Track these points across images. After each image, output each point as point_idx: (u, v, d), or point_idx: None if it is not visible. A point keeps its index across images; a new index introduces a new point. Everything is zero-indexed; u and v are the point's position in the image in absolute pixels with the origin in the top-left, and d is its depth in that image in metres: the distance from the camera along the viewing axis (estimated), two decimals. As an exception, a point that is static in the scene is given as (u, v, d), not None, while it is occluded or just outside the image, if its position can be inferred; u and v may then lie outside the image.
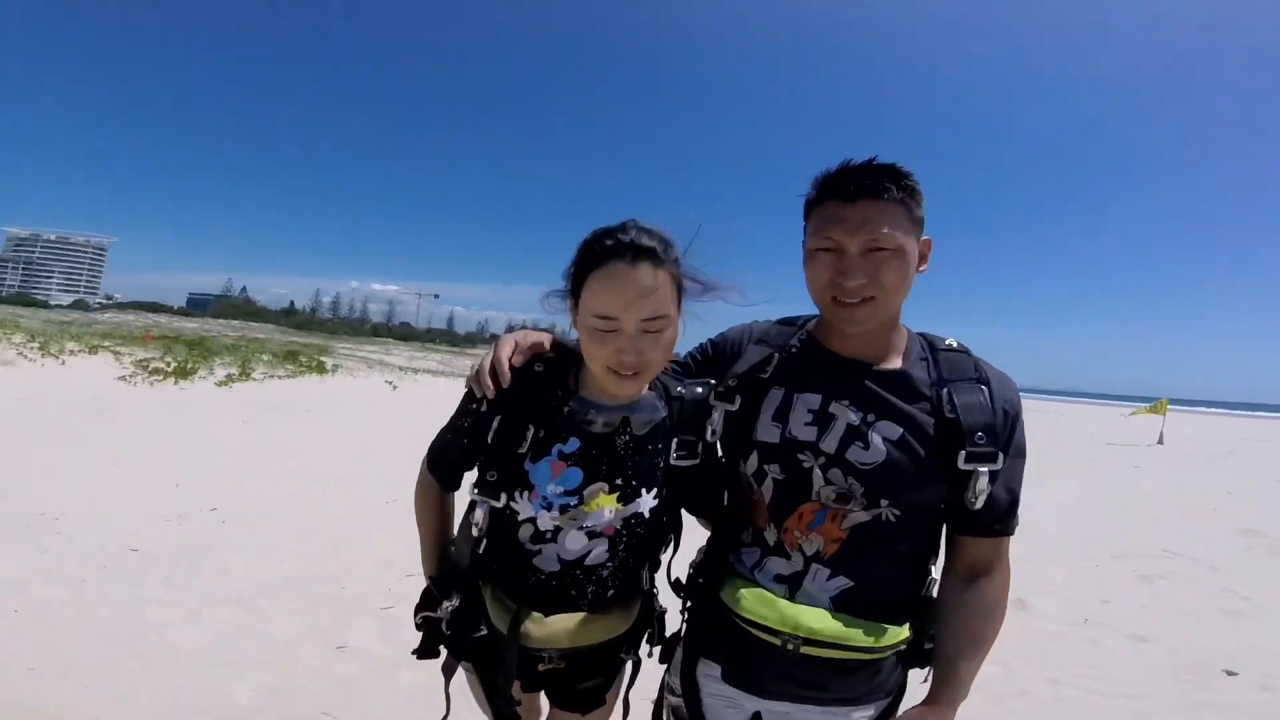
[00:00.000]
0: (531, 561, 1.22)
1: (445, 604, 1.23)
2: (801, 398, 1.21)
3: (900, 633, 1.15)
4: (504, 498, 1.18)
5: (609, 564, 1.24)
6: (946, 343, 1.25)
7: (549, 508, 1.19)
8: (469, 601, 1.23)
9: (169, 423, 10.41)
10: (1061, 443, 16.85)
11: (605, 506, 1.21)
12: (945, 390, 1.16)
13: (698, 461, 1.28)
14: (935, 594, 1.25)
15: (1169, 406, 19.57)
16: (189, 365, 16.35)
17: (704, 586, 1.28)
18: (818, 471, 1.17)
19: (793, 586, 1.17)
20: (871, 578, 1.16)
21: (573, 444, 1.22)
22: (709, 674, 1.25)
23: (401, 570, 4.10)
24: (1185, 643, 3.85)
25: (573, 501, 1.19)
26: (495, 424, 1.21)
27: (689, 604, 1.33)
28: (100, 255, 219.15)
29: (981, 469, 1.12)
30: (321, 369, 19.76)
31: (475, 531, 1.22)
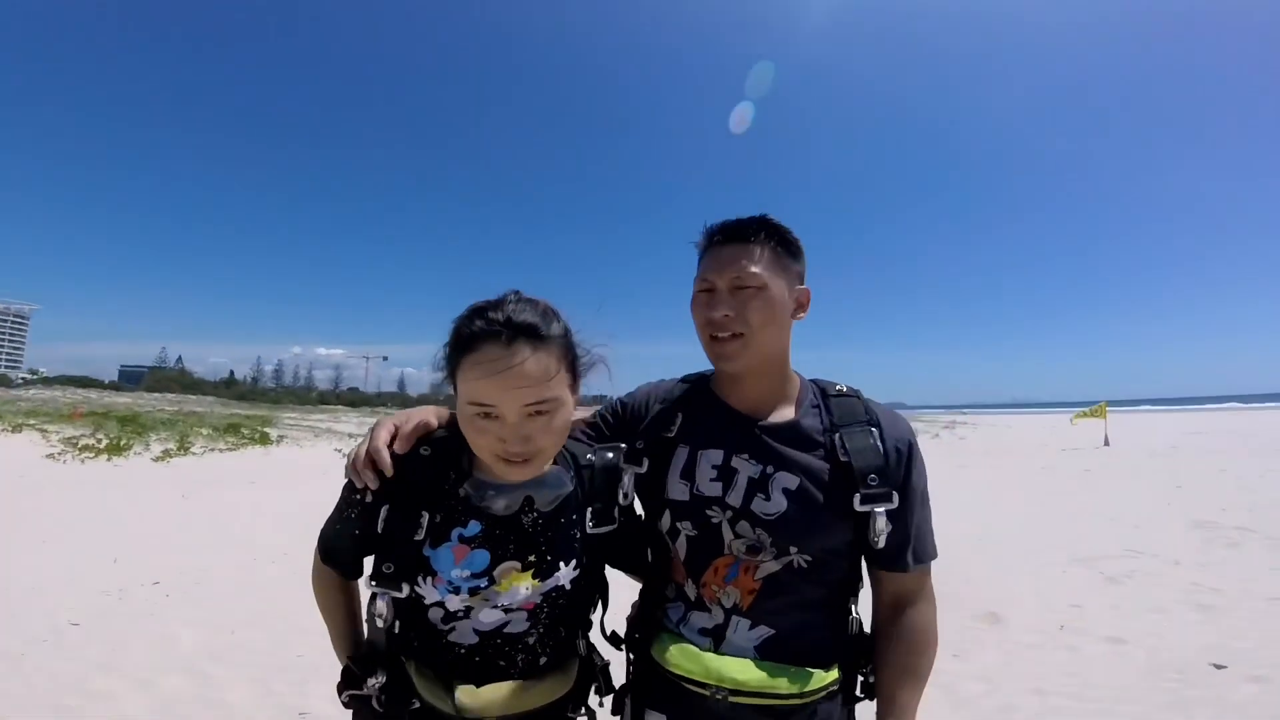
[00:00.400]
0: (447, 639, 1.16)
1: (370, 681, 1.15)
2: (705, 454, 1.26)
3: (826, 676, 1.16)
4: (405, 588, 1.12)
5: (532, 632, 1.19)
6: (837, 388, 1.31)
7: (456, 591, 1.13)
8: (395, 677, 1.15)
9: (104, 498, 9.80)
10: (1014, 453, 17.45)
11: (519, 584, 1.16)
12: (837, 435, 1.22)
13: (614, 526, 1.26)
14: (865, 629, 1.28)
15: (1108, 409, 20.53)
16: (122, 442, 15.55)
17: (639, 640, 1.31)
18: (726, 525, 1.21)
19: (717, 639, 1.20)
20: (790, 624, 1.19)
21: (474, 527, 1.16)
22: None
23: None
24: (1164, 641, 3.89)
25: (482, 584, 1.14)
26: (384, 513, 1.13)
27: (630, 656, 1.34)
28: (21, 324, 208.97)
29: (878, 509, 1.16)
30: (265, 440, 19.01)
31: (380, 622, 1.15)
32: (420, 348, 1.26)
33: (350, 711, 1.22)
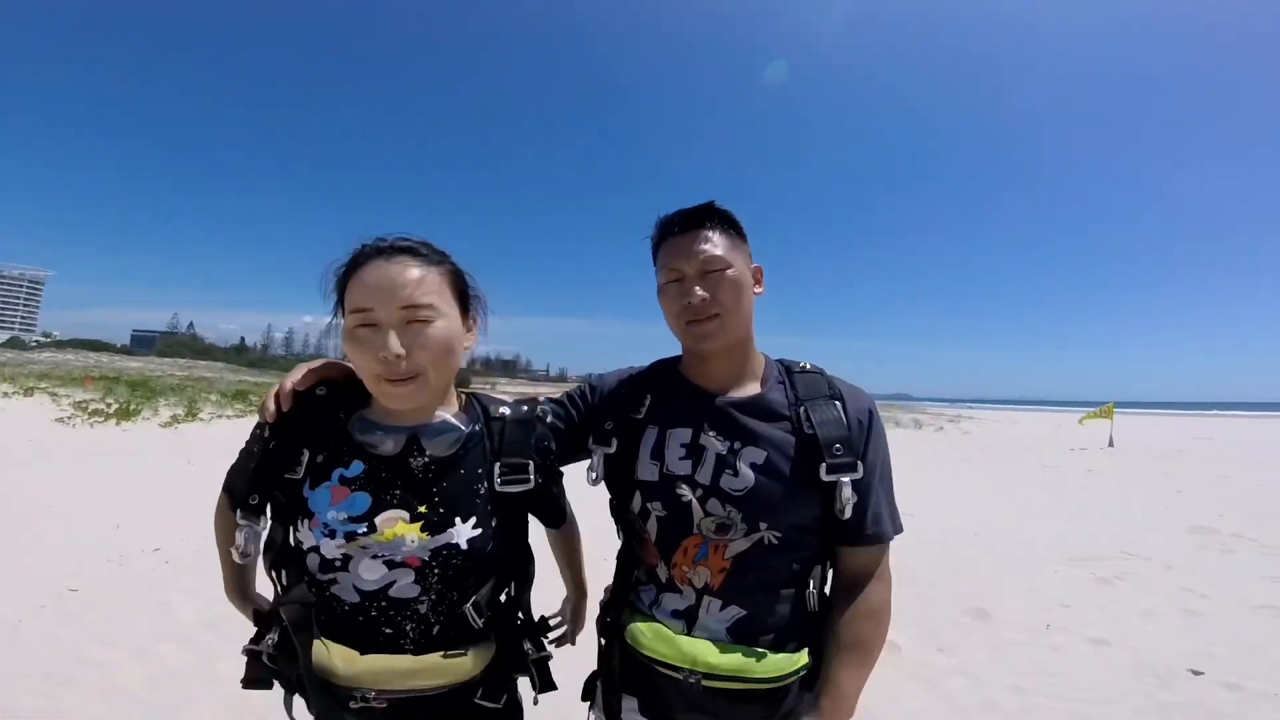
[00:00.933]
0: (329, 591, 1.11)
1: (268, 637, 1.12)
2: (673, 433, 1.28)
3: (798, 659, 1.18)
4: (263, 521, 1.11)
5: (423, 598, 1.12)
6: (801, 365, 1.35)
7: (331, 535, 1.09)
8: (285, 640, 1.10)
9: (109, 464, 9.93)
10: (1017, 450, 17.36)
11: (405, 535, 1.10)
12: (802, 409, 1.25)
13: (530, 486, 1.21)
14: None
15: (1115, 410, 20.56)
16: (131, 407, 15.71)
17: (612, 624, 1.31)
18: (696, 504, 1.23)
19: (689, 620, 1.22)
20: (761, 604, 1.21)
21: (356, 467, 1.14)
22: (630, 708, 1.28)
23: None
24: (1147, 644, 3.91)
25: (360, 529, 1.09)
26: (269, 448, 1.14)
27: (602, 641, 1.34)
28: (36, 289, 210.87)
29: (844, 478, 1.19)
30: (273, 409, 19.15)
31: (237, 558, 1.13)
32: None
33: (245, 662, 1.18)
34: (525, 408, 1.29)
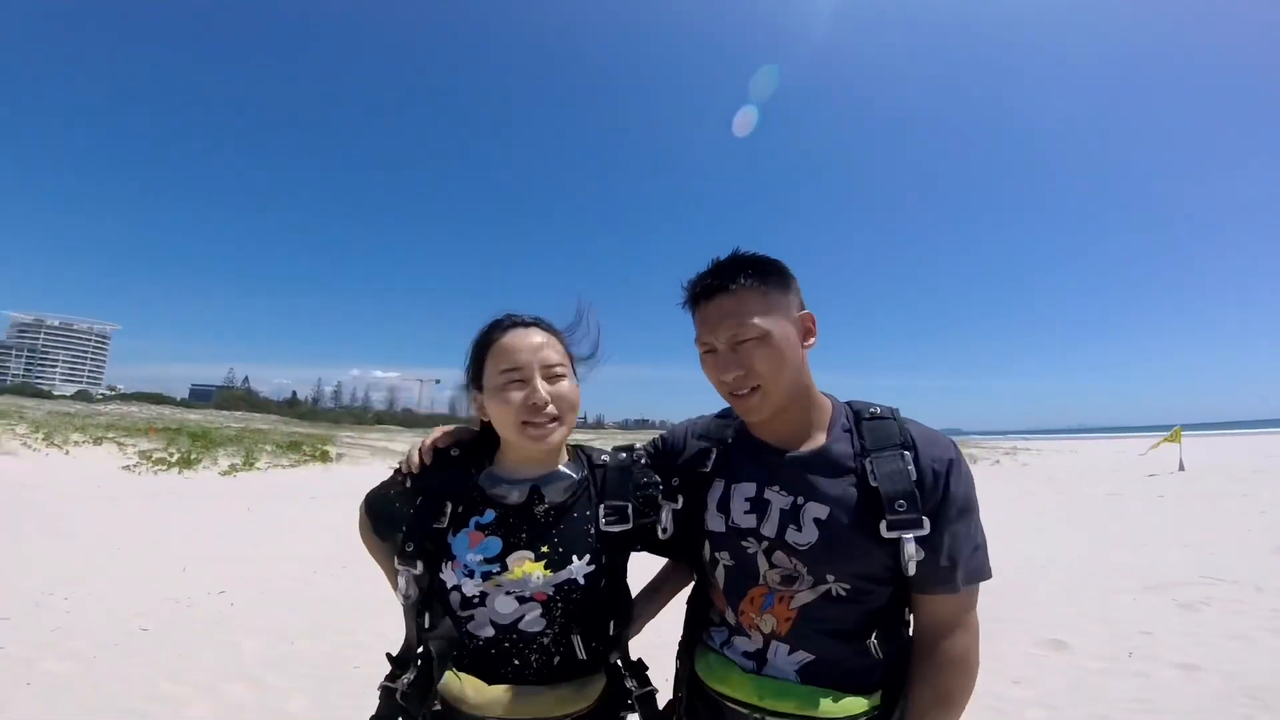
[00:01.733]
0: (466, 627, 1.24)
1: (404, 676, 1.23)
2: (738, 487, 1.27)
3: (865, 701, 1.14)
4: (421, 565, 1.24)
5: (548, 631, 1.24)
6: (871, 410, 1.27)
7: (470, 575, 1.23)
8: (423, 676, 1.22)
9: (174, 509, 10.30)
10: (1081, 479, 16.67)
11: (532, 573, 1.23)
12: (868, 460, 1.18)
13: (630, 527, 1.31)
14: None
15: (1183, 434, 19.73)
16: (192, 456, 16.31)
17: (685, 662, 1.34)
18: (761, 556, 1.22)
19: (759, 662, 1.21)
20: (828, 650, 1.18)
21: (489, 515, 1.28)
22: None
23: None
24: (1241, 667, 3.69)
25: (494, 569, 1.23)
26: (418, 503, 1.29)
27: (678, 677, 1.37)
28: (104, 344, 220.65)
29: (906, 534, 1.12)
30: (325, 457, 19.67)
31: (401, 599, 1.27)
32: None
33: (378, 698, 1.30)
34: (624, 455, 1.42)
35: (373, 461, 20.69)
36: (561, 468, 1.35)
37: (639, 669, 1.36)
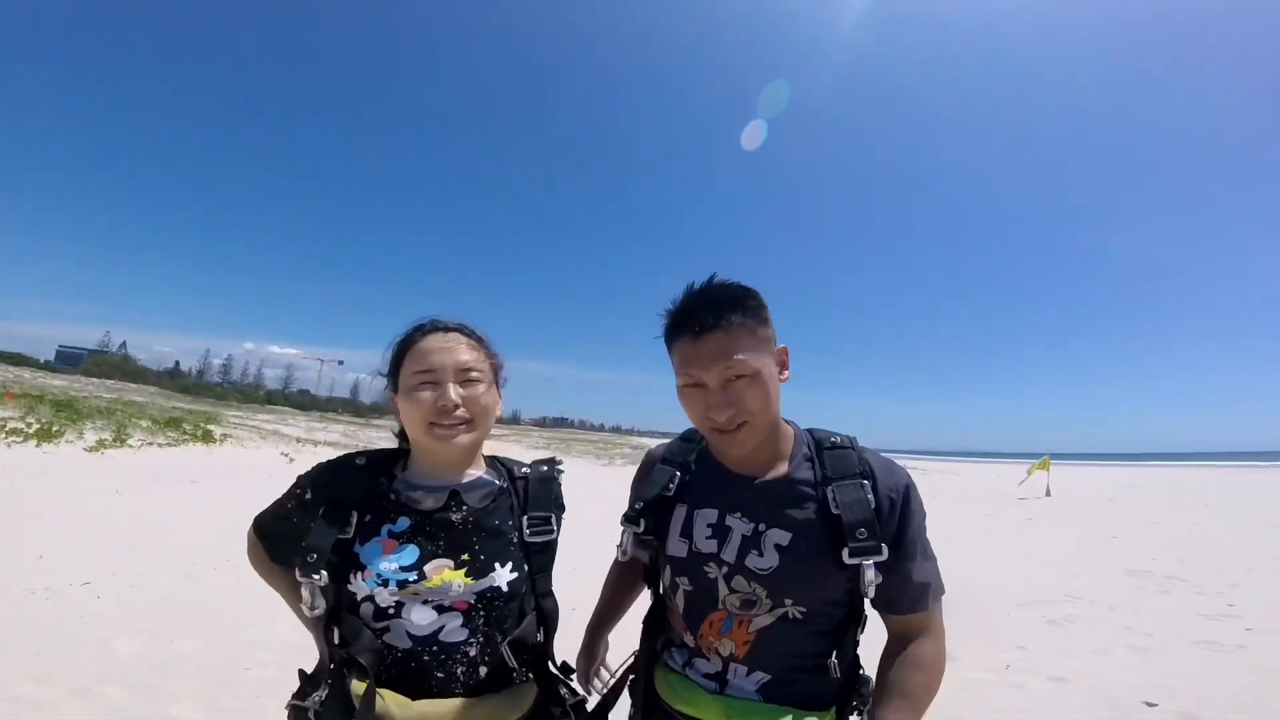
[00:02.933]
0: (382, 639, 1.19)
1: (314, 695, 1.19)
2: (700, 513, 1.29)
3: (825, 717, 1.20)
4: (324, 576, 1.17)
5: (472, 640, 1.22)
6: (832, 440, 1.30)
7: (385, 584, 1.18)
8: (336, 692, 1.17)
9: (30, 488, 9.33)
10: (962, 500, 17.93)
11: (452, 580, 1.21)
12: (830, 489, 1.21)
13: (554, 536, 1.35)
14: (863, 672, 1.29)
15: (1051, 463, 21.68)
16: (54, 428, 14.83)
17: (642, 680, 1.34)
18: (721, 581, 1.23)
19: (721, 683, 1.24)
20: (785, 670, 1.22)
21: (402, 523, 1.25)
22: None
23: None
24: (1103, 680, 4.04)
25: (411, 577, 1.19)
26: (320, 512, 1.23)
27: (633, 696, 1.37)
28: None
29: (866, 561, 1.16)
30: (208, 438, 18.41)
31: (306, 611, 1.19)
32: (378, 354, 1.43)
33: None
34: (545, 467, 1.43)
35: (261, 445, 19.54)
36: (482, 474, 1.34)
37: (568, 673, 1.38)
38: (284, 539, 1.31)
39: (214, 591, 5.17)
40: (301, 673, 1.28)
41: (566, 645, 1.44)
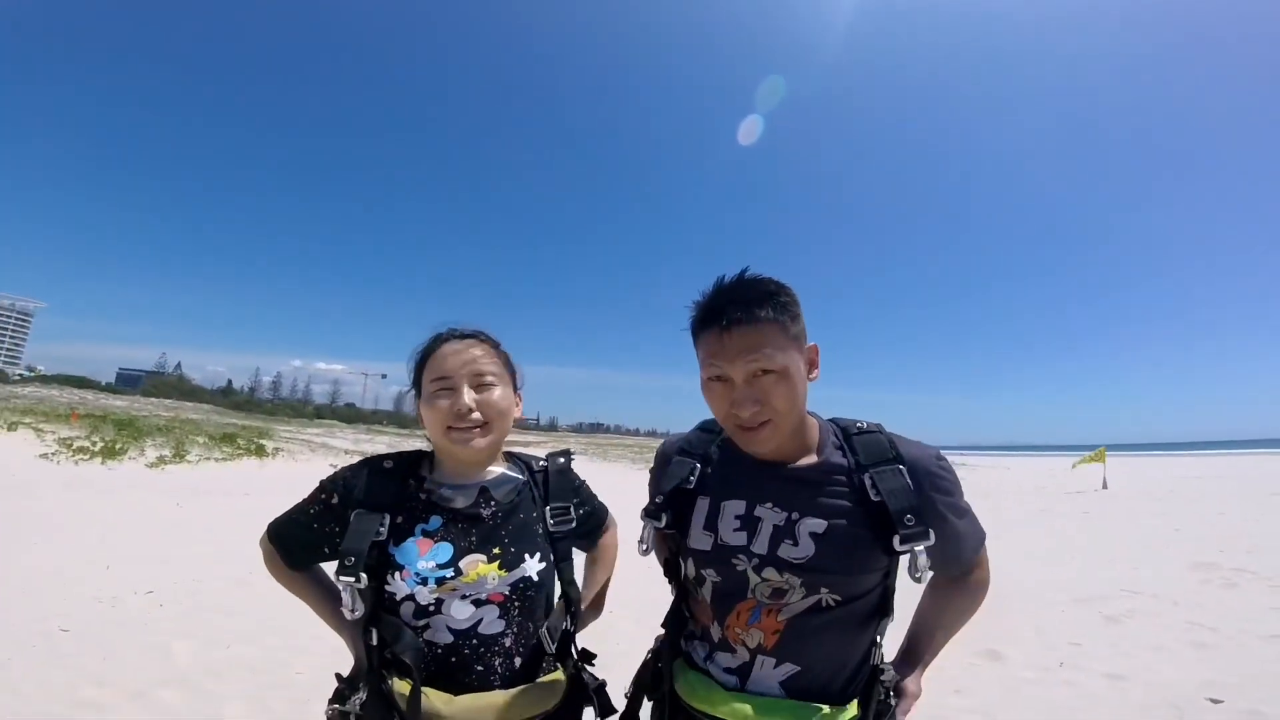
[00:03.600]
0: (423, 637, 1.23)
1: (354, 697, 1.22)
2: (727, 505, 1.26)
3: (845, 712, 1.18)
4: (365, 578, 1.20)
5: (508, 632, 1.26)
6: (858, 425, 1.29)
7: (424, 582, 1.22)
8: (376, 696, 1.20)
9: (96, 503, 9.76)
10: (1013, 495, 17.44)
11: (487, 574, 1.26)
12: (866, 476, 1.20)
13: (574, 525, 1.42)
14: (885, 663, 1.27)
15: (1107, 454, 20.83)
16: (117, 445, 15.50)
17: (659, 676, 1.31)
18: (751, 572, 1.20)
19: (742, 676, 1.21)
20: (815, 659, 1.19)
21: (434, 522, 1.30)
22: None
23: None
24: (1161, 677, 3.89)
25: (449, 574, 1.23)
26: (353, 518, 1.26)
27: (651, 687, 1.35)
28: (25, 321, 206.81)
29: (917, 547, 1.15)
30: (261, 452, 18.97)
31: (347, 615, 1.22)
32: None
33: None
34: (561, 459, 1.50)
35: (311, 458, 20.05)
36: (505, 470, 1.41)
37: (589, 658, 1.42)
38: (303, 544, 1.34)
39: (266, 598, 5.28)
40: (338, 676, 1.31)
41: (601, 647, 1.49)
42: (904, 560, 1.18)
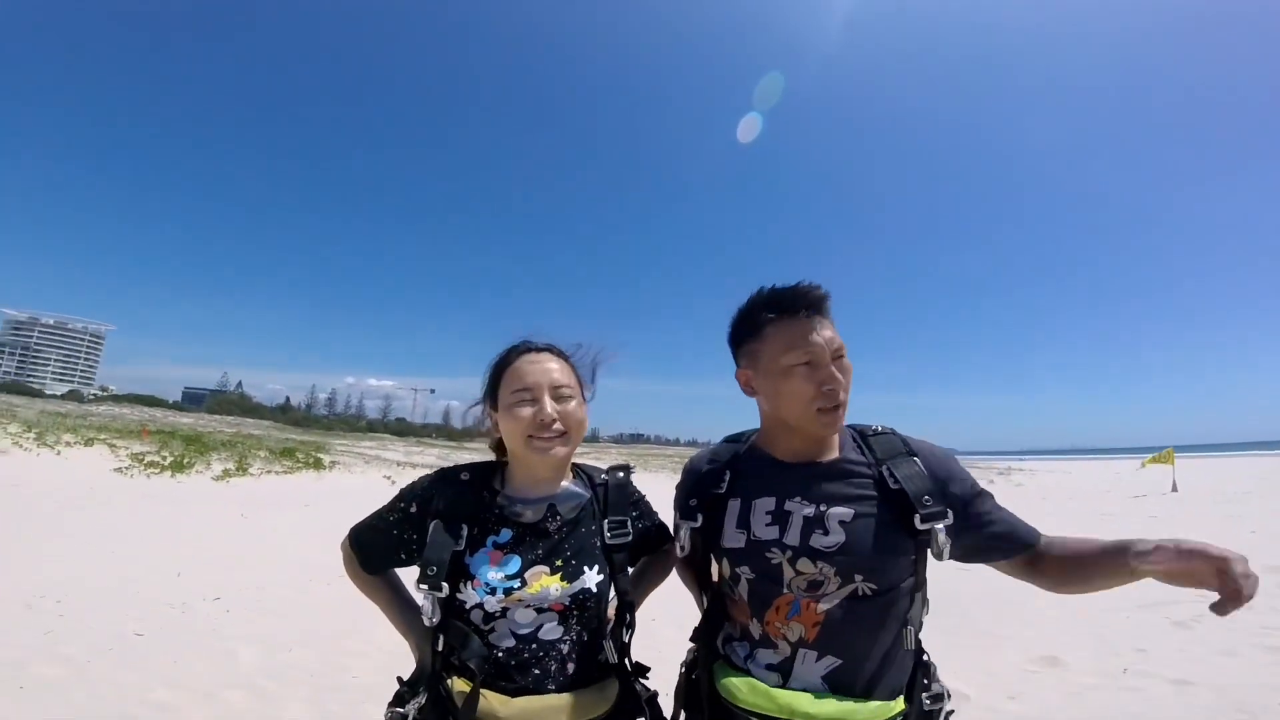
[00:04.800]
0: (487, 639, 1.28)
1: (413, 701, 1.27)
2: (757, 503, 1.33)
3: (892, 707, 1.21)
4: (446, 588, 1.26)
5: (566, 638, 1.31)
6: (874, 429, 1.40)
7: (493, 592, 1.27)
8: (436, 699, 1.25)
9: (167, 514, 10.23)
10: (1076, 499, 16.86)
11: (549, 586, 1.30)
12: (884, 468, 1.30)
13: (630, 539, 1.44)
14: (926, 655, 1.31)
15: (1175, 455, 19.94)
16: (185, 460, 16.22)
17: (699, 681, 1.34)
18: (786, 565, 1.26)
19: (784, 673, 1.24)
20: (856, 651, 1.23)
21: (505, 534, 1.35)
22: None
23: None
24: (1232, 682, 3.73)
25: (515, 585, 1.28)
26: (431, 528, 1.32)
27: (687, 698, 1.38)
28: (97, 344, 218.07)
29: (938, 525, 1.24)
30: (319, 465, 19.55)
31: (426, 622, 1.28)
32: (466, 381, 1.58)
33: None
34: (621, 473, 1.53)
35: (366, 470, 20.58)
36: (571, 486, 1.45)
37: (643, 672, 1.45)
38: (380, 550, 1.42)
39: (325, 604, 5.51)
40: (400, 680, 1.37)
41: (645, 654, 1.51)
42: (942, 540, 1.24)
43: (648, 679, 1.44)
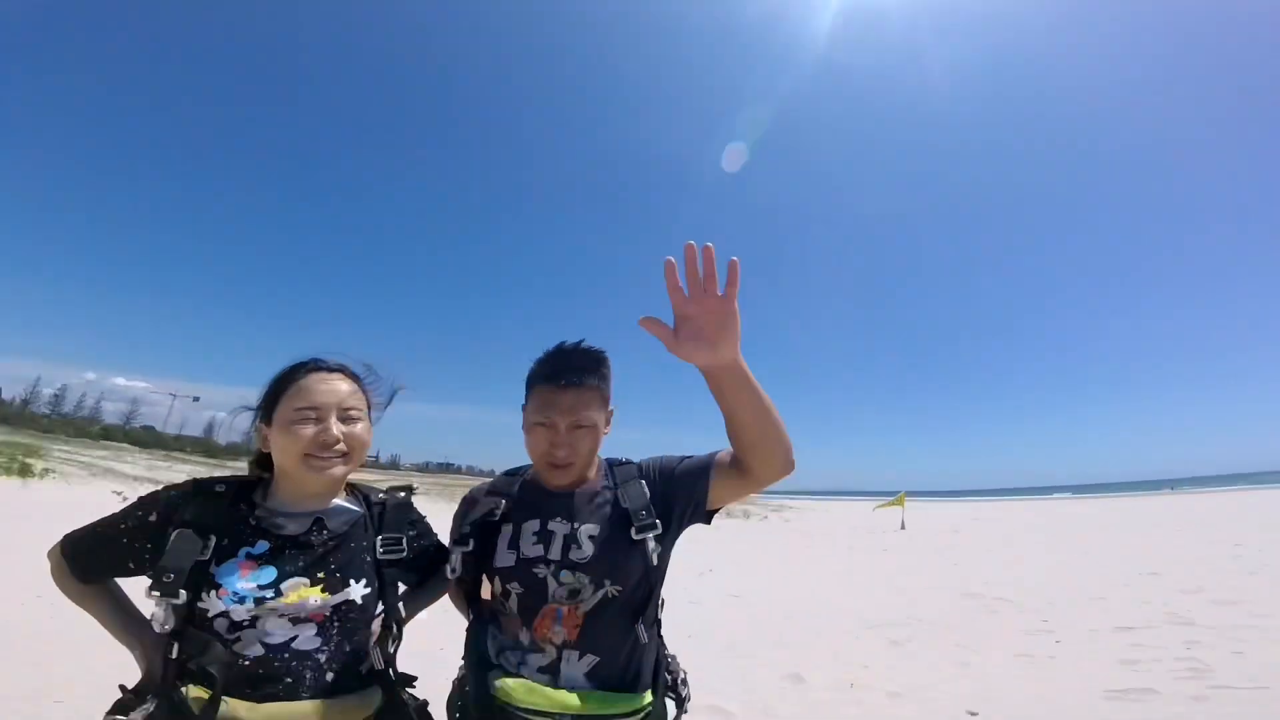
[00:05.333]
0: (232, 648, 1.24)
1: (140, 707, 1.19)
2: (525, 525, 1.55)
3: (645, 698, 1.43)
4: (184, 595, 1.21)
5: (324, 649, 1.30)
6: (621, 460, 1.68)
7: (241, 601, 1.24)
8: (165, 706, 1.17)
9: None
10: (829, 535, 19.62)
11: (308, 597, 1.30)
12: (618, 491, 1.57)
13: (405, 555, 1.49)
14: (668, 655, 1.58)
15: (907, 499, 24.19)
16: None
17: (473, 691, 1.45)
18: (550, 578, 1.47)
19: (553, 673, 1.43)
20: (610, 649, 1.45)
21: (261, 546, 1.33)
22: None
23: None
24: (932, 694, 4.40)
25: (269, 595, 1.26)
26: (173, 536, 1.28)
27: (461, 707, 1.51)
28: None
29: (648, 536, 1.50)
30: (26, 471, 16.30)
31: (158, 628, 1.24)
32: (239, 392, 1.44)
33: None
34: (403, 494, 1.61)
35: (90, 481, 17.55)
36: (342, 502, 1.47)
37: (409, 681, 1.45)
38: (103, 559, 1.35)
39: (28, 629, 4.73)
40: (122, 687, 1.27)
41: (429, 683, 1.52)
42: (651, 547, 1.49)
43: (414, 688, 1.44)
